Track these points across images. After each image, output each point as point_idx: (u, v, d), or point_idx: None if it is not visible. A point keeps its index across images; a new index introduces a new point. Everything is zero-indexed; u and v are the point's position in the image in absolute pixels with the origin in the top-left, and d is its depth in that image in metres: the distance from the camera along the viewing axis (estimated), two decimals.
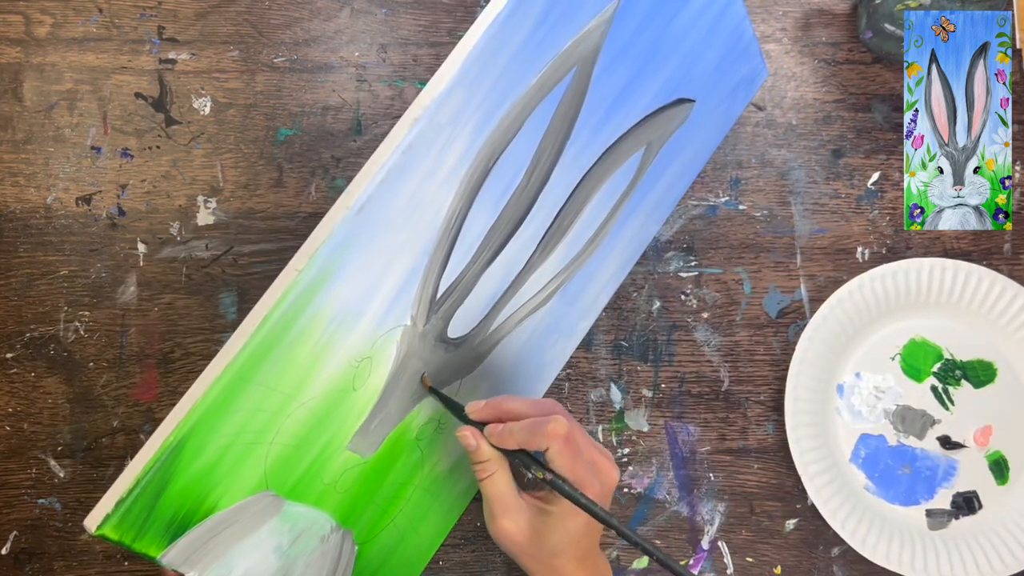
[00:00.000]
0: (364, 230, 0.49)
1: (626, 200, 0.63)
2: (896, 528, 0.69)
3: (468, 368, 0.60)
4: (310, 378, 0.51)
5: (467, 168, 0.52)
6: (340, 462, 0.55)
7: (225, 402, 0.48)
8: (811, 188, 0.73)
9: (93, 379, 0.69)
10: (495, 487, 0.55)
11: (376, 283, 0.52)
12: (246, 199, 0.71)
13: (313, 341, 0.50)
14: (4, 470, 0.69)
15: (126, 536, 0.48)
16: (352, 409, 0.55)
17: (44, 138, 0.70)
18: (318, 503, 0.56)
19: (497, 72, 0.50)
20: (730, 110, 0.68)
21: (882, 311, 0.71)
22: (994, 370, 0.71)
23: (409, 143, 0.49)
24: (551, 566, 0.55)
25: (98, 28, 0.71)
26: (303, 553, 0.56)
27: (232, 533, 0.52)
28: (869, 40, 0.73)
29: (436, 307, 0.56)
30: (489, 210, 0.55)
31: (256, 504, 0.53)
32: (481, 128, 0.51)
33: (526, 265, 0.60)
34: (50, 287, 0.70)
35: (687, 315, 0.72)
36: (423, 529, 0.63)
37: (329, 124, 0.71)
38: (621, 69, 0.57)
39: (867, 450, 0.71)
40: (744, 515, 0.71)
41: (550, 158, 0.56)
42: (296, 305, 0.48)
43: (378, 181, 0.49)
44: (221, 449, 0.49)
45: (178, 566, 0.51)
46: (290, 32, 0.72)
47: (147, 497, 0.48)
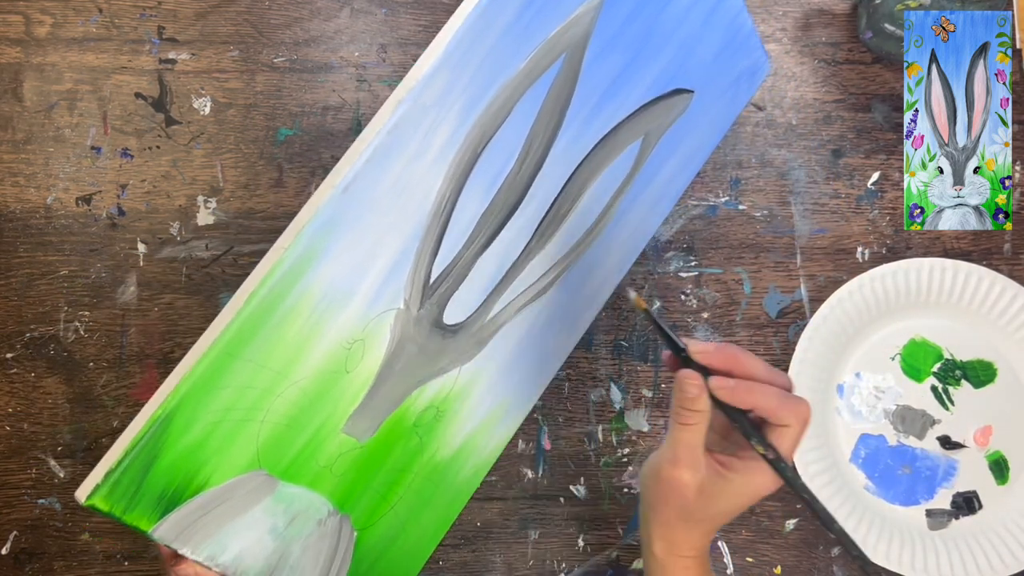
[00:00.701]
0: (350, 210, 0.50)
1: (625, 190, 0.63)
2: (896, 528, 0.69)
3: (467, 355, 0.60)
4: (301, 357, 0.52)
5: (456, 152, 0.53)
6: (335, 445, 0.56)
7: (213, 377, 0.49)
8: (811, 188, 0.73)
9: (93, 379, 0.69)
10: (692, 437, 0.52)
11: (365, 264, 0.52)
12: (246, 199, 0.71)
13: (302, 320, 0.51)
14: (4, 470, 0.69)
15: (116, 507, 0.48)
16: (346, 392, 0.55)
17: (44, 138, 0.70)
18: (313, 485, 0.56)
19: (482, 55, 0.51)
20: (732, 103, 0.68)
21: (882, 311, 0.71)
22: (994, 370, 0.71)
23: (394, 124, 0.49)
24: (702, 529, 0.54)
25: (98, 28, 0.71)
26: (299, 536, 0.56)
27: (225, 511, 0.52)
28: (869, 40, 0.73)
29: (430, 292, 0.56)
30: (481, 195, 0.55)
31: (249, 483, 0.53)
32: (468, 112, 0.52)
33: (523, 252, 0.60)
34: (50, 287, 0.70)
35: (687, 315, 0.72)
36: (425, 519, 0.63)
37: (329, 124, 0.71)
38: (613, 57, 0.57)
39: (867, 450, 0.71)
40: (744, 515, 0.71)
41: (542, 145, 0.56)
42: (283, 283, 0.49)
43: (363, 161, 0.49)
44: (210, 425, 0.50)
45: (170, 541, 0.51)
46: (290, 32, 0.72)
47: (136, 469, 0.48)
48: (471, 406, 0.61)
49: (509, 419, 0.65)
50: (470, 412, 0.61)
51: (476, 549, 0.70)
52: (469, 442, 0.63)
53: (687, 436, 0.52)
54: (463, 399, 0.61)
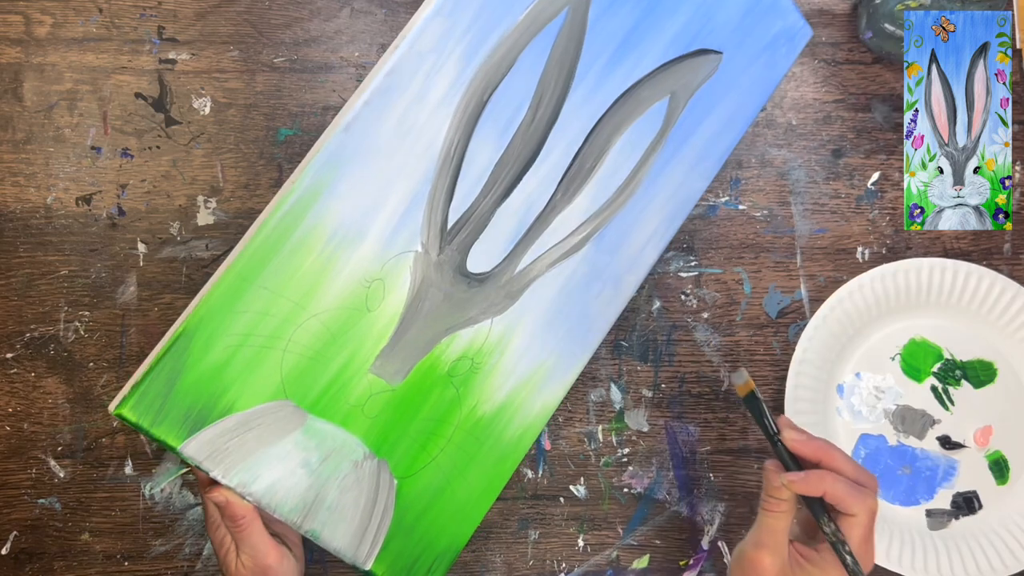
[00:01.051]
0: (355, 149, 0.55)
1: (657, 150, 0.64)
2: (896, 528, 0.69)
3: (498, 307, 0.62)
4: (317, 290, 0.56)
5: (460, 97, 0.57)
6: (364, 384, 0.58)
7: (229, 300, 0.54)
8: (811, 188, 0.73)
9: (93, 379, 0.69)
10: (777, 523, 0.56)
11: (376, 204, 0.57)
12: (246, 199, 0.71)
13: (315, 253, 0.56)
14: (4, 470, 0.69)
15: (144, 419, 0.53)
16: (370, 331, 0.58)
17: (44, 138, 0.70)
18: (345, 424, 0.58)
19: (477, 5, 0.56)
20: (770, 67, 0.67)
21: (882, 311, 0.71)
22: (994, 370, 0.71)
23: (391, 67, 0.55)
24: None
25: (98, 28, 0.71)
26: (335, 475, 0.58)
27: (255, 437, 0.55)
28: (869, 40, 0.73)
29: (449, 237, 0.59)
30: (493, 143, 0.59)
31: (276, 410, 0.56)
32: (468, 59, 0.57)
33: (547, 205, 0.62)
34: (50, 287, 0.70)
35: (687, 315, 0.72)
36: (472, 477, 0.63)
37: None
38: (622, 14, 0.60)
39: (867, 450, 0.71)
40: (744, 515, 0.71)
41: (554, 96, 0.60)
42: (292, 213, 0.55)
43: (362, 102, 0.55)
44: (231, 348, 0.54)
45: (200, 461, 0.54)
46: (290, 32, 0.72)
47: (161, 382, 0.53)
48: (509, 362, 0.62)
49: (554, 381, 0.64)
50: (509, 368, 0.62)
51: (476, 549, 0.70)
52: (511, 400, 0.63)
53: (771, 522, 0.56)
54: (499, 353, 0.62)
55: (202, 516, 0.69)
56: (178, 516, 0.69)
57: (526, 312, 0.63)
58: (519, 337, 0.63)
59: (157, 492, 0.69)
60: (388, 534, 0.60)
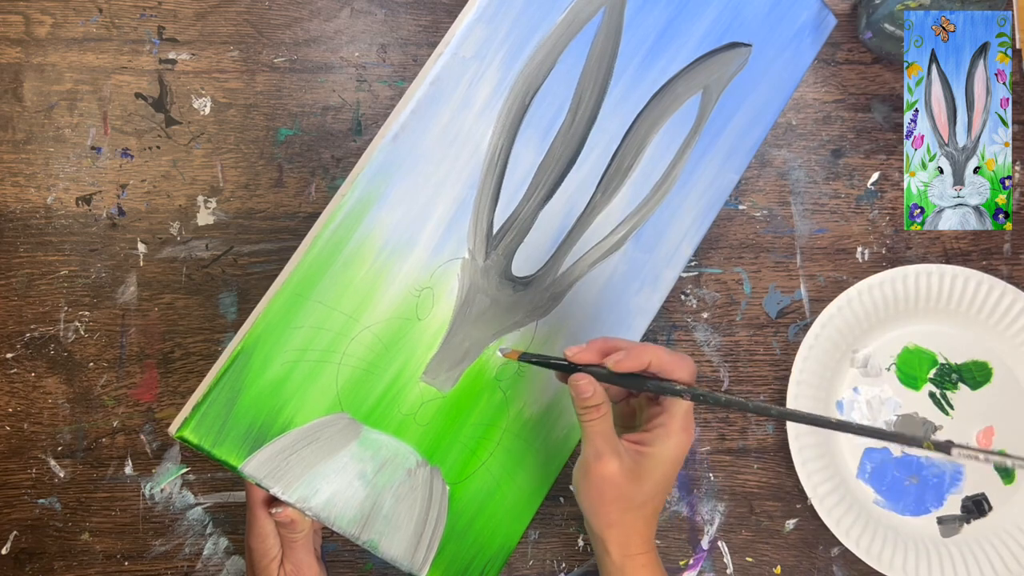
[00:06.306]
0: (403, 158, 0.56)
1: (692, 145, 0.65)
2: (911, 540, 0.69)
3: (542, 310, 0.62)
4: (370, 302, 0.57)
5: (503, 102, 0.58)
6: (416, 393, 0.59)
7: (286, 317, 0.55)
8: (811, 188, 0.73)
9: (93, 379, 0.69)
10: (604, 426, 0.55)
11: (424, 212, 0.58)
12: (246, 199, 0.71)
13: (367, 264, 0.56)
14: (4, 470, 0.69)
15: (205, 440, 0.53)
16: (421, 339, 0.59)
17: (44, 138, 0.70)
18: (398, 433, 0.59)
19: (517, 9, 0.57)
20: (796, 57, 0.68)
21: (872, 323, 0.71)
22: (989, 370, 0.71)
23: (435, 75, 0.56)
24: (644, 515, 0.56)
25: (98, 28, 0.71)
26: (390, 485, 0.58)
27: (312, 452, 0.56)
28: (869, 40, 0.73)
29: (494, 242, 0.60)
30: (535, 146, 0.60)
31: (333, 424, 0.57)
32: (510, 63, 0.58)
33: (588, 206, 0.62)
34: (50, 287, 0.70)
35: (687, 315, 0.72)
36: (520, 479, 0.63)
37: (329, 124, 0.71)
38: (656, 11, 0.61)
39: (873, 464, 0.71)
40: (744, 515, 0.71)
41: (593, 97, 0.61)
42: (344, 226, 0.55)
43: (408, 111, 0.56)
44: (289, 364, 0.55)
45: (260, 479, 0.55)
46: (290, 32, 0.72)
47: (221, 403, 0.53)
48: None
49: None
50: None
51: None
52: (557, 400, 0.63)
53: (600, 427, 0.55)
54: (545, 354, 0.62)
55: (202, 517, 0.69)
56: (178, 516, 0.69)
57: (569, 312, 0.63)
58: (563, 337, 0.63)
59: (157, 492, 0.69)
60: (442, 540, 0.60)
